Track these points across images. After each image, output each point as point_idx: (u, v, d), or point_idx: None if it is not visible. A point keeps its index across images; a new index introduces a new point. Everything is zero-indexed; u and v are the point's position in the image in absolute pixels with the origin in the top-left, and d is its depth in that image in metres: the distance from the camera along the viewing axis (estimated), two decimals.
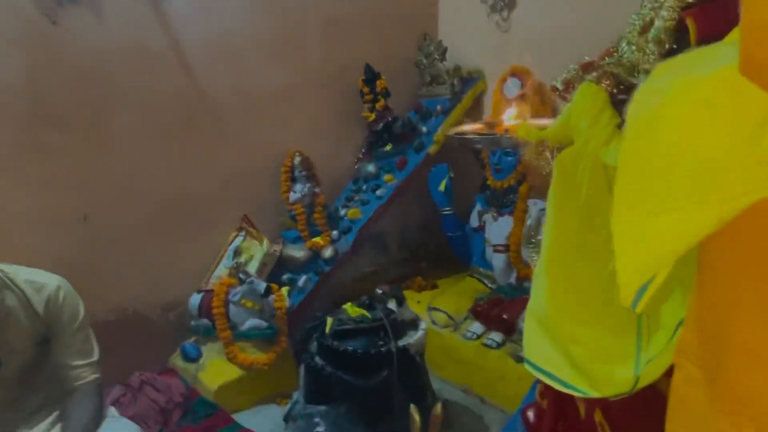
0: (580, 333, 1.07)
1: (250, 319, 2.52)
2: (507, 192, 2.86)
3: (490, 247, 2.88)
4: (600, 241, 1.06)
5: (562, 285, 1.11)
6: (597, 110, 1.06)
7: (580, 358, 1.06)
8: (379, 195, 2.98)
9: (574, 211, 1.08)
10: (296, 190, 2.85)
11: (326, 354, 2.11)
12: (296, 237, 2.88)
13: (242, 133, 2.81)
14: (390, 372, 2.04)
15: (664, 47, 0.97)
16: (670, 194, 0.62)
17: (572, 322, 1.09)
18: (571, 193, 1.09)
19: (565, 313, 1.10)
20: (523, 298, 2.61)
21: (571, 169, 1.09)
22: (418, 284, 3.07)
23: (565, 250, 1.11)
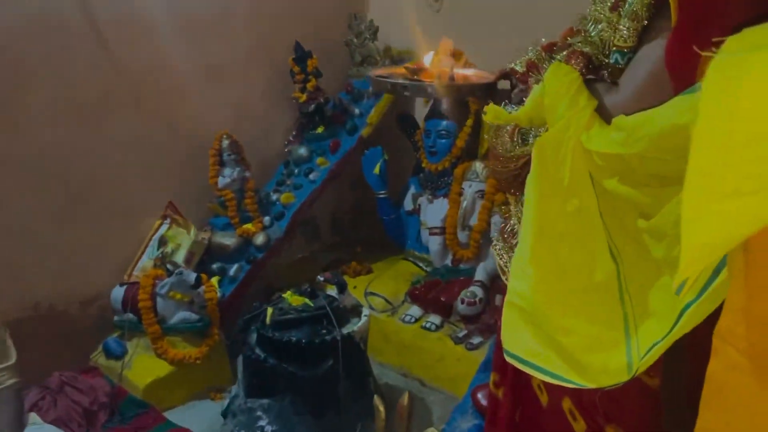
0: (569, 323, 1.07)
1: (180, 311, 2.42)
2: (442, 174, 2.86)
3: (426, 229, 2.88)
4: (585, 227, 1.06)
5: (549, 274, 1.10)
6: (573, 92, 1.04)
7: (572, 348, 1.05)
8: (312, 179, 2.92)
9: (556, 197, 1.07)
10: (225, 174, 2.75)
11: (267, 345, 2.05)
12: (226, 224, 2.78)
13: (165, 114, 2.66)
14: (335, 361, 2.02)
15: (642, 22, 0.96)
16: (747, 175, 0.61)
17: (561, 311, 1.08)
18: (552, 179, 1.07)
19: (553, 302, 1.09)
20: (459, 280, 2.69)
21: (551, 154, 1.07)
22: (353, 269, 3.04)
23: (550, 238, 1.10)
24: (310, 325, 2.06)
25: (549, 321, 1.09)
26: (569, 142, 1.04)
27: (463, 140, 2.81)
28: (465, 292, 2.56)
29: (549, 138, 1.08)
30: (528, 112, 1.13)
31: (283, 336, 2.02)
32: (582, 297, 1.06)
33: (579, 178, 1.05)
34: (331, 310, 2.09)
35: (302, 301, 2.12)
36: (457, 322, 2.59)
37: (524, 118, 1.14)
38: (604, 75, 1.07)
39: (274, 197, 2.91)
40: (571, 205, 1.06)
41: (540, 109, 1.10)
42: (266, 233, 2.77)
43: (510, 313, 1.16)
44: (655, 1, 0.95)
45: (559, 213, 1.08)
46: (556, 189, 1.07)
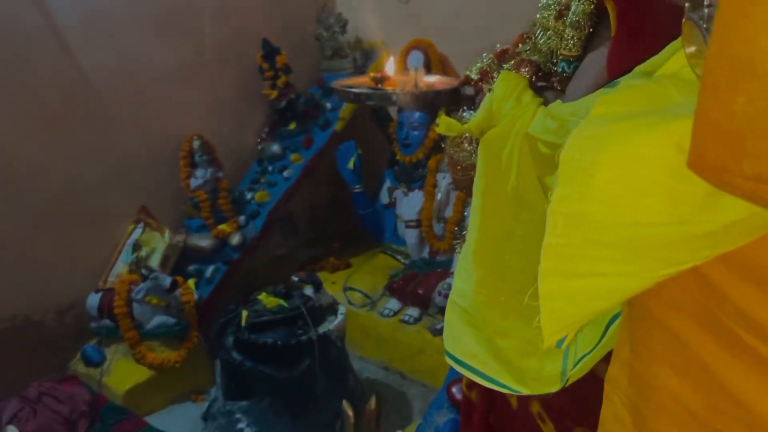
0: (508, 325, 1.05)
1: (157, 316, 2.42)
2: (416, 167, 2.87)
3: (402, 222, 2.90)
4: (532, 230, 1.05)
5: (490, 275, 1.08)
6: (519, 91, 1.04)
7: (508, 351, 1.04)
8: (286, 176, 2.92)
9: (502, 197, 1.06)
10: (197, 175, 2.74)
11: (243, 348, 2.06)
12: (200, 225, 2.78)
13: (133, 117, 2.64)
14: (312, 361, 2.03)
15: (584, 32, 0.97)
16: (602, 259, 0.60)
17: (500, 313, 1.06)
18: (498, 178, 1.06)
19: (493, 303, 1.07)
20: (437, 272, 2.72)
21: (497, 151, 1.06)
22: (331, 264, 3.06)
23: (493, 239, 1.09)
24: (286, 326, 2.07)
25: (488, 323, 1.08)
26: (516, 138, 1.03)
27: (435, 133, 2.81)
28: (442, 284, 2.59)
29: (495, 134, 1.07)
30: (479, 122, 1.12)
31: (258, 338, 2.03)
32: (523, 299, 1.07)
33: (526, 177, 1.04)
34: (306, 310, 2.10)
35: (277, 302, 2.13)
36: (435, 315, 2.61)
37: (476, 128, 1.13)
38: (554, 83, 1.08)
39: (249, 196, 2.91)
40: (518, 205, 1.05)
41: (491, 118, 1.09)
42: (242, 233, 2.77)
43: (451, 313, 1.14)
44: (597, 11, 0.96)
45: (505, 213, 1.08)
46: (502, 189, 1.06)
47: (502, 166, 1.06)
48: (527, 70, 1.07)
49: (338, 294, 2.77)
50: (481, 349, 1.07)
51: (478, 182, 1.10)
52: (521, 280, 1.06)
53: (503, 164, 1.06)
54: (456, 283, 1.15)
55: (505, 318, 1.06)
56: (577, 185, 0.61)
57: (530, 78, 1.07)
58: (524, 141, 1.03)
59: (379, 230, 3.09)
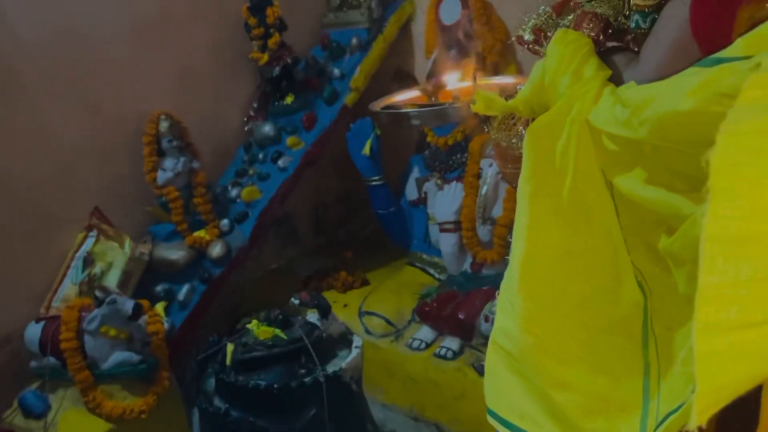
0: (567, 374, 1.06)
1: (116, 352, 2.42)
2: (453, 151, 2.86)
3: (435, 225, 2.89)
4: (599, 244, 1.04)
5: (542, 308, 1.08)
6: (578, 61, 1.03)
7: (568, 408, 1.04)
8: (282, 166, 2.92)
9: (556, 204, 1.06)
10: (166, 167, 2.75)
11: (229, 393, 2.06)
12: (171, 232, 2.80)
13: (82, 93, 2.66)
14: (319, 409, 2.03)
15: None
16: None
17: (556, 359, 1.07)
18: (550, 179, 1.06)
19: (546, 346, 1.08)
20: (482, 291, 2.70)
21: (549, 143, 1.05)
22: (342, 281, 3.06)
23: (545, 261, 1.08)
24: (285, 365, 2.07)
25: (541, 371, 1.08)
26: (573, 128, 1.02)
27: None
28: (490, 307, 2.57)
29: (545, 122, 1.06)
30: (528, 97, 1.11)
31: (248, 380, 2.03)
32: (589, 340, 1.05)
33: (588, 177, 1.04)
34: (312, 342, 2.10)
35: (272, 332, 2.13)
36: (482, 347, 2.58)
37: (523, 105, 1.12)
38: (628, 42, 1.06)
39: (234, 193, 2.91)
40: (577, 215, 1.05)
41: (542, 92, 1.08)
42: (225, 241, 2.78)
43: (494, 359, 1.15)
44: None
45: (560, 225, 1.07)
46: (557, 191, 1.05)
47: (555, 163, 1.05)
48: (591, 27, 1.06)
49: (352, 321, 2.77)
50: (532, 405, 1.08)
51: (525, 185, 1.09)
52: (583, 314, 1.05)
53: (557, 161, 1.05)
54: (499, 319, 1.15)
55: (564, 365, 1.06)
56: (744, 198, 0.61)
57: (596, 37, 1.06)
58: (585, 130, 1.02)
59: (404, 236, 3.08)
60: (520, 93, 1.14)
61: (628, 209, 1.04)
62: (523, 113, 1.17)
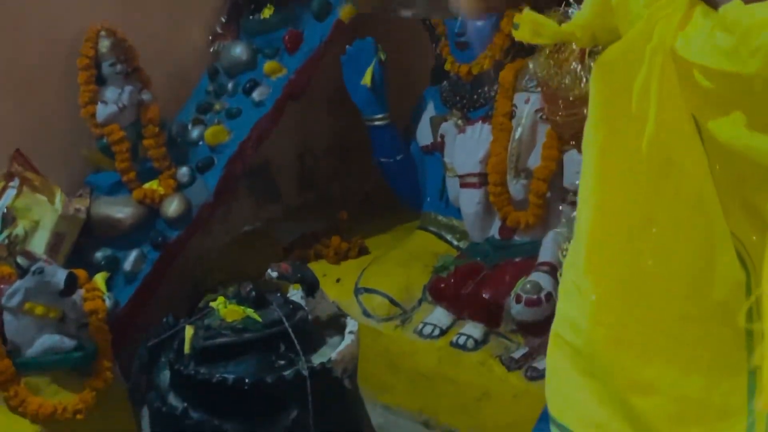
0: (650, 374, 1.07)
1: (44, 335, 2.43)
2: (479, 82, 2.85)
3: (455, 178, 2.89)
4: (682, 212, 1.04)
5: (616, 294, 1.09)
6: None
7: (653, 417, 1.05)
8: (257, 99, 2.91)
9: (631, 160, 1.06)
10: (107, 98, 2.75)
11: (188, 389, 2.08)
12: (114, 184, 2.80)
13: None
14: (302, 411, 2.04)
15: None
16: None
17: (636, 356, 1.08)
18: (625, 126, 1.06)
19: (623, 341, 1.09)
20: (513, 263, 2.71)
21: (623, 81, 1.05)
22: (335, 249, 3.06)
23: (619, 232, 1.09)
24: (259, 354, 2.08)
25: (618, 372, 1.09)
26: (654, 60, 1.01)
27: (512, 22, 2.77)
28: (523, 284, 2.56)
29: (618, 53, 1.06)
30: (589, 20, 1.11)
31: (212, 373, 2.03)
32: (678, 330, 1.05)
33: (674, 124, 1.03)
34: (293, 326, 2.10)
35: (243, 313, 2.13)
36: (512, 334, 2.62)
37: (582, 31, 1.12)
38: None
39: (195, 134, 2.91)
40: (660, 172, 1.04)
41: (609, 12, 1.08)
42: (183, 196, 2.79)
43: (557, 356, 1.17)
44: None
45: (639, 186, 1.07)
46: (634, 143, 1.05)
47: (632, 106, 1.05)
48: None
49: (347, 300, 2.78)
50: (608, 412, 1.09)
51: (592, 135, 1.10)
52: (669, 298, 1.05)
53: (634, 103, 1.05)
54: (562, 307, 1.17)
55: (646, 363, 1.07)
56: None
57: None
58: (669, 63, 1.01)
59: (414, 192, 3.09)
60: (577, 15, 1.15)
61: (725, 164, 1.04)
62: (582, 42, 1.17)
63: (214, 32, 3.09)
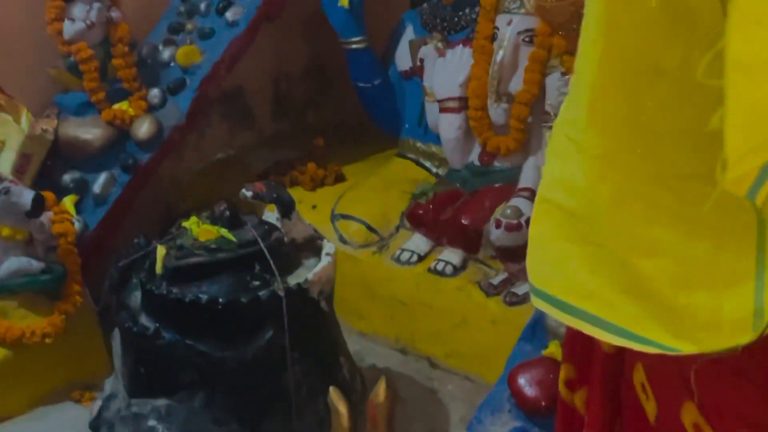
0: (654, 234, 1.02)
1: (11, 258, 2.42)
2: (460, 4, 2.84)
3: (434, 103, 2.87)
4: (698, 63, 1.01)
5: (623, 147, 1.05)
6: None
7: (655, 280, 1.01)
8: (231, 19, 2.88)
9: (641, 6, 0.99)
10: (75, 15, 2.70)
11: (160, 309, 2.07)
12: (83, 104, 2.77)
13: None
14: (277, 331, 2.04)
15: None
16: None
17: (641, 214, 1.03)
18: None
19: (629, 198, 1.05)
20: (493, 189, 2.70)
21: None
22: (311, 176, 3.06)
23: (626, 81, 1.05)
24: (233, 274, 2.07)
25: (619, 233, 1.05)
26: None
27: None
28: (503, 209, 2.56)
29: None
30: None
31: (185, 293, 2.02)
32: (687, 190, 1.02)
33: None
34: (269, 246, 2.09)
35: (217, 233, 2.11)
36: (491, 260, 2.62)
37: None
38: None
39: (166, 54, 2.90)
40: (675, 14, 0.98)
41: None
42: (154, 118, 2.77)
43: (545, 224, 1.12)
44: None
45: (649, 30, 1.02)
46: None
47: None
48: None
49: (323, 226, 2.76)
50: (603, 279, 1.06)
51: None
52: (680, 156, 1.02)
53: None
54: (552, 168, 1.12)
55: (652, 223, 1.03)
56: None
57: None
58: None
59: (393, 117, 3.09)
60: None
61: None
62: None
63: None
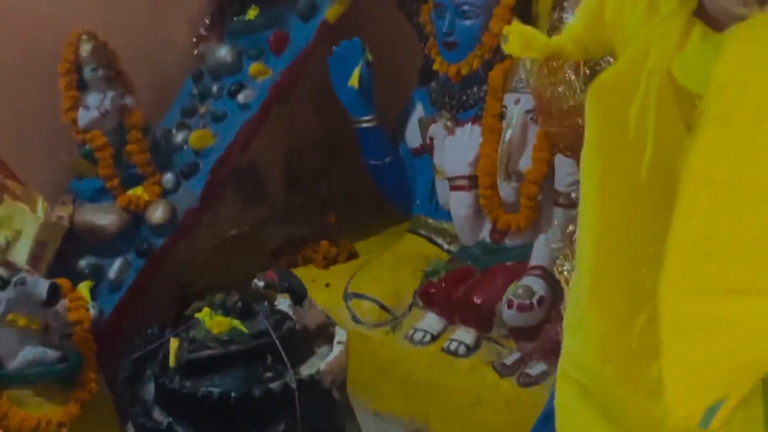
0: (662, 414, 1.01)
1: (27, 347, 2.41)
2: (468, 82, 2.85)
3: (444, 181, 2.88)
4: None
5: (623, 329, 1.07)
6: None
7: None
8: (243, 102, 2.90)
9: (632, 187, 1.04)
10: (89, 104, 2.73)
11: (173, 403, 2.07)
12: (98, 190, 2.79)
13: None
14: (290, 423, 2.03)
15: None
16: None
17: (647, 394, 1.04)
18: (624, 153, 1.04)
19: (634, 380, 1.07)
20: (504, 267, 2.71)
21: (619, 107, 1.03)
22: (323, 253, 3.06)
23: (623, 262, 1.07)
24: (245, 367, 2.06)
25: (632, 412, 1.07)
26: (651, 84, 1.00)
27: (502, 20, 2.75)
28: (515, 289, 2.56)
29: (613, 78, 1.05)
30: (580, 33, 1.10)
31: (198, 387, 2.02)
32: None
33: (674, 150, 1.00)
34: (281, 337, 2.09)
35: (229, 324, 2.11)
36: (504, 340, 2.61)
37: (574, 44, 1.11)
38: None
39: (180, 138, 2.91)
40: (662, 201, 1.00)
41: (601, 27, 1.07)
42: (168, 202, 2.78)
43: (565, 392, 1.15)
44: None
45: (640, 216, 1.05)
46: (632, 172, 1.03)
47: (629, 133, 1.04)
48: None
49: (337, 305, 2.77)
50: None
51: (592, 163, 1.08)
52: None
53: (632, 129, 1.03)
54: (567, 342, 1.15)
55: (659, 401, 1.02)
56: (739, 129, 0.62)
57: None
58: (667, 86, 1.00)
59: (404, 194, 3.09)
60: (568, 27, 1.13)
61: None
62: (574, 56, 1.16)
63: (198, 34, 3.09)
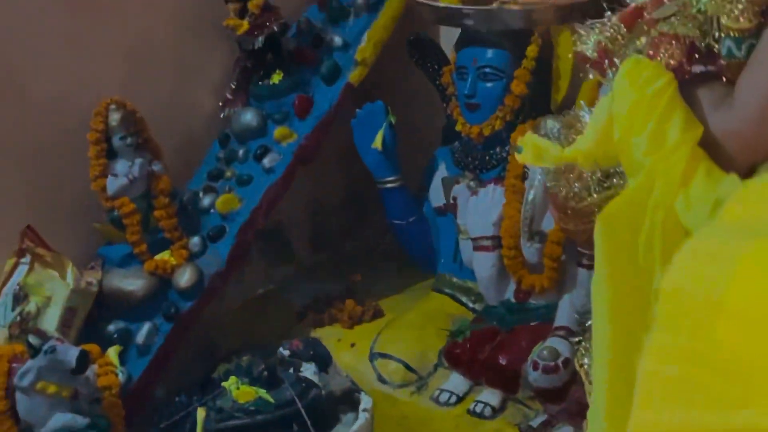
0: None
1: (57, 414, 2.42)
2: (491, 143, 2.85)
3: (468, 240, 2.89)
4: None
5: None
6: (658, 116, 1.02)
7: None
8: (268, 166, 2.91)
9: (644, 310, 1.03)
10: (118, 171, 2.75)
11: None
12: (126, 256, 2.80)
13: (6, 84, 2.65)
14: None
15: None
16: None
17: None
18: (634, 279, 1.05)
19: None
20: (529, 328, 2.72)
21: (627, 236, 1.05)
22: (349, 313, 3.05)
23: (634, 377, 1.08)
24: None
25: None
26: (656, 216, 1.02)
27: (523, 81, 2.79)
28: (539, 350, 2.56)
29: (619, 209, 1.06)
30: (591, 146, 1.11)
31: None
32: None
33: None
34: (306, 406, 2.10)
35: (255, 394, 2.13)
36: (530, 401, 2.61)
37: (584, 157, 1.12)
38: (721, 67, 1.04)
39: (206, 202, 2.91)
40: None
41: (609, 144, 1.09)
42: (195, 266, 2.79)
43: None
44: None
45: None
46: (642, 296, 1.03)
47: (638, 259, 1.05)
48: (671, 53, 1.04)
49: (362, 365, 2.78)
50: None
51: (603, 288, 1.09)
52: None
53: (641, 256, 1.05)
54: None
55: None
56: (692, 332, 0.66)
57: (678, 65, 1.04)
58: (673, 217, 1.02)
59: (428, 253, 3.08)
60: (580, 140, 1.14)
61: None
62: (584, 166, 1.16)
63: (224, 98, 3.10)
